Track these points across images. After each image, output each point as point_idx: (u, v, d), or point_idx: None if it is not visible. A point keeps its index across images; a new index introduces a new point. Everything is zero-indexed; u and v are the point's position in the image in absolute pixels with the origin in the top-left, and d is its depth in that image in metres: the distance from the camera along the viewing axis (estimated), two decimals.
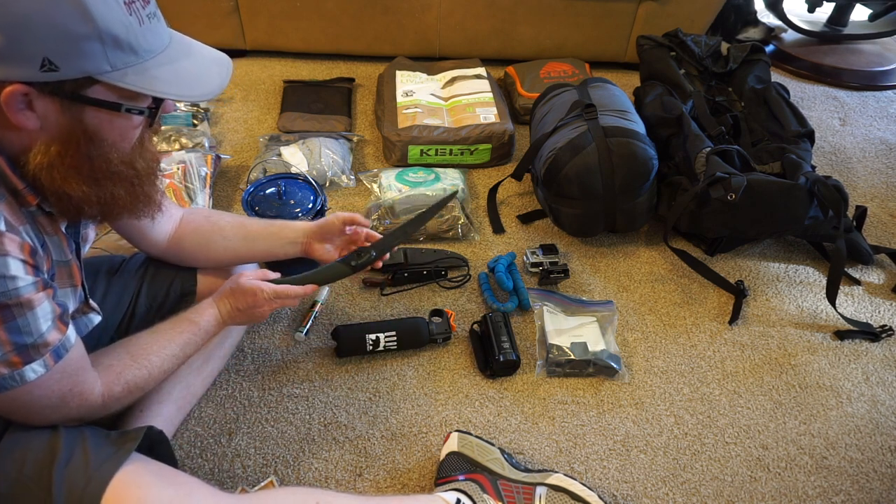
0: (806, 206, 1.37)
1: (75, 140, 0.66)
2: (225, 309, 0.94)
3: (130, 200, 0.74)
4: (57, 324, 0.70)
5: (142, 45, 0.65)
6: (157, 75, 0.66)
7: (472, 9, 2.01)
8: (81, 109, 0.64)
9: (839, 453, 1.13)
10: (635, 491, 1.06)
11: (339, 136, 1.75)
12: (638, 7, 2.03)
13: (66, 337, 0.71)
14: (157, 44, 0.67)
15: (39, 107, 0.62)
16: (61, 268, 0.76)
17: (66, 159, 0.66)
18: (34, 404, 0.71)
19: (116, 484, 0.69)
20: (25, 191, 0.67)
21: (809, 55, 2.34)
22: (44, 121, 0.63)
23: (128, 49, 0.63)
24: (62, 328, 0.71)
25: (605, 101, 1.53)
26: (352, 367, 1.22)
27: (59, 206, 0.71)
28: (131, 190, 0.73)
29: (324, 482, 1.04)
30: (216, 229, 1.04)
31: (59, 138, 0.65)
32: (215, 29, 2.03)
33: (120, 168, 0.71)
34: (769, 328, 1.35)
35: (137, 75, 0.65)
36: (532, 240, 1.54)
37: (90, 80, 0.63)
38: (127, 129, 0.70)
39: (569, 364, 1.22)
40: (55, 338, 0.69)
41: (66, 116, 0.64)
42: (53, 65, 0.60)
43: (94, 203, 0.71)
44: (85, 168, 0.68)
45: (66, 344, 0.71)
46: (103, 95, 0.65)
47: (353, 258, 1.02)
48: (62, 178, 0.67)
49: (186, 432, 1.09)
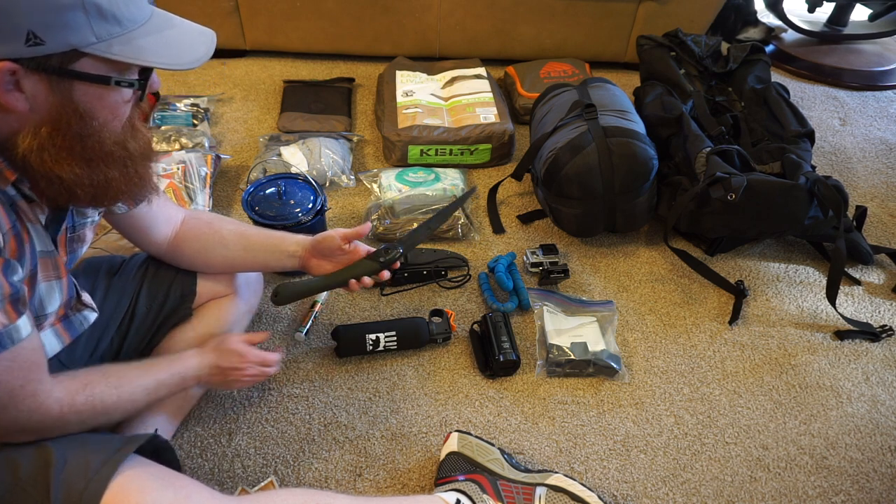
0: (806, 206, 1.37)
1: (66, 120, 0.65)
2: (207, 363, 0.94)
3: (124, 182, 0.73)
4: (4, 305, 0.65)
5: (125, 14, 0.64)
6: (143, 45, 0.65)
7: (472, 9, 2.01)
8: (70, 86, 0.64)
9: (839, 453, 1.13)
10: (635, 491, 1.06)
11: (339, 136, 1.75)
12: (638, 7, 2.03)
13: (16, 326, 0.66)
14: (139, 14, 0.66)
15: (28, 86, 0.62)
16: (45, 259, 0.74)
17: (58, 140, 0.65)
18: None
19: (116, 487, 0.69)
20: (2, 165, 0.66)
21: (809, 55, 2.34)
22: (33, 101, 0.63)
23: (111, 19, 0.63)
24: (10, 313, 0.66)
25: (605, 101, 1.53)
26: (352, 367, 1.22)
27: (50, 191, 0.69)
28: (125, 171, 0.72)
29: (324, 482, 1.04)
30: (217, 237, 1.04)
31: (50, 119, 0.64)
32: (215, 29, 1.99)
33: (112, 148, 0.70)
34: (769, 328, 1.35)
35: (123, 45, 0.64)
36: (532, 240, 1.54)
37: (77, 54, 0.62)
38: (117, 105, 0.69)
39: (569, 364, 1.22)
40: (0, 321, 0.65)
41: (56, 95, 0.63)
42: (38, 38, 0.59)
43: (86, 186, 0.69)
44: (77, 149, 0.67)
45: (13, 333, 0.66)
46: (91, 69, 0.64)
47: (381, 254, 1.03)
48: (53, 160, 0.66)
49: (186, 432, 1.09)
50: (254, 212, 1.34)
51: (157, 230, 0.99)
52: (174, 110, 1.79)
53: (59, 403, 0.74)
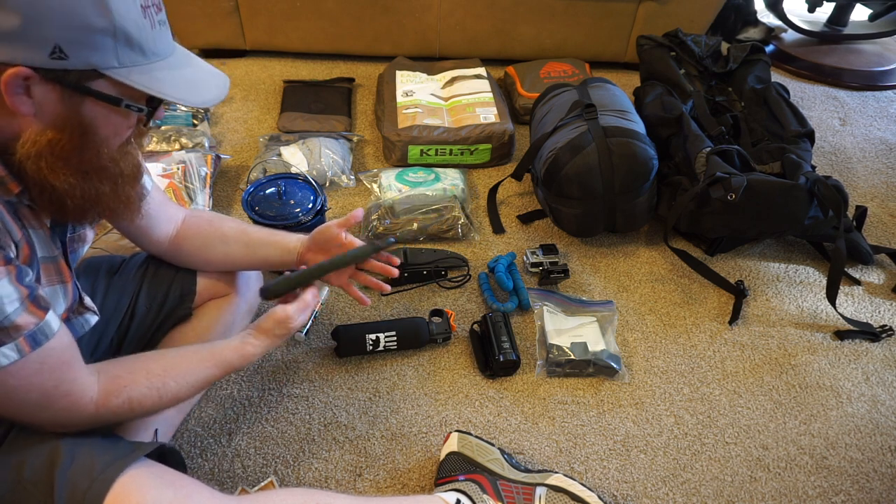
0: (806, 206, 1.37)
1: (69, 130, 0.65)
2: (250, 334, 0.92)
3: (113, 199, 0.73)
4: (27, 305, 0.66)
5: (150, 47, 0.66)
6: (160, 77, 0.67)
7: (472, 9, 2.01)
8: (81, 100, 0.64)
9: (839, 453, 1.13)
10: (635, 491, 1.06)
11: (339, 136, 1.75)
12: (638, 7, 2.03)
13: (45, 322, 0.68)
14: (163, 50, 0.68)
15: (38, 93, 0.62)
16: (48, 264, 0.75)
17: (57, 149, 0.65)
18: (14, 397, 0.69)
19: (118, 487, 0.69)
20: (7, 178, 0.66)
21: (809, 55, 2.34)
22: (39, 108, 0.63)
23: (137, 49, 0.64)
24: (36, 312, 0.67)
25: (605, 101, 1.53)
26: (352, 367, 1.22)
27: (41, 200, 0.69)
28: (114, 189, 0.73)
29: (324, 482, 1.04)
30: (218, 235, 1.04)
31: (53, 127, 0.65)
32: (215, 29, 2.04)
33: (107, 164, 0.70)
34: (769, 328, 1.35)
35: (142, 75, 0.65)
36: (532, 240, 1.54)
37: (95, 74, 0.63)
38: (121, 126, 0.70)
39: (569, 364, 1.22)
40: (27, 321, 0.65)
41: (64, 106, 0.64)
42: (63, 53, 0.60)
43: (77, 197, 0.69)
44: (74, 159, 0.67)
45: (44, 330, 0.67)
46: (105, 89, 0.65)
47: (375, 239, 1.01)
48: (49, 167, 0.66)
49: (186, 432, 1.09)
50: (254, 212, 1.34)
51: (158, 229, 0.99)
52: (174, 110, 1.79)
53: (95, 405, 0.75)
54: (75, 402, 0.73)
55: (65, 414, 0.73)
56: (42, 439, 0.73)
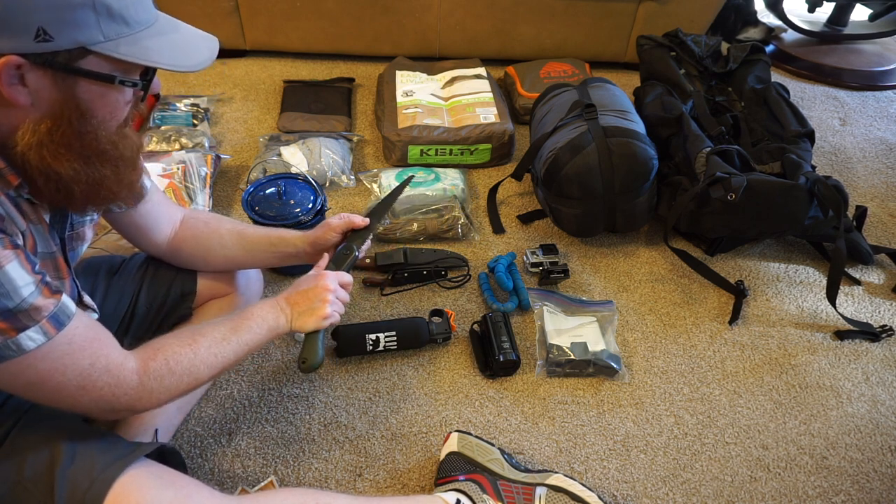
0: (806, 206, 1.37)
1: (66, 116, 0.65)
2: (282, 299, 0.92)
3: (115, 182, 0.73)
4: (41, 289, 0.66)
5: (133, 16, 0.65)
6: (149, 46, 0.66)
7: (472, 9, 2.01)
8: (74, 82, 0.64)
9: (839, 453, 1.13)
10: (635, 491, 1.06)
11: (339, 136, 1.75)
12: (638, 7, 2.03)
13: (63, 303, 0.68)
14: (146, 17, 0.67)
15: (32, 80, 0.62)
16: (46, 260, 0.75)
17: (57, 136, 0.65)
18: (50, 382, 0.68)
19: (118, 487, 0.69)
20: (6, 170, 0.66)
21: (809, 55, 2.34)
22: (35, 96, 0.63)
23: (119, 20, 0.64)
24: (52, 294, 0.67)
25: (605, 101, 1.53)
26: (352, 367, 1.22)
27: (48, 190, 0.69)
28: (116, 172, 0.72)
29: (324, 482, 1.04)
30: (215, 237, 1.04)
31: (51, 114, 0.65)
32: (215, 29, 1.99)
33: (106, 147, 0.70)
34: (769, 328, 1.35)
35: (130, 46, 0.65)
36: (532, 240, 1.54)
37: (84, 51, 0.63)
38: (118, 105, 0.70)
39: (569, 364, 1.22)
40: (46, 303, 0.66)
41: (59, 90, 0.64)
42: (48, 35, 0.60)
43: (83, 182, 0.69)
44: (75, 145, 0.67)
45: (65, 311, 0.68)
46: (96, 67, 0.64)
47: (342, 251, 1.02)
48: (52, 155, 0.66)
49: (186, 432, 1.09)
50: (254, 212, 1.34)
51: (157, 230, 0.99)
52: (174, 110, 1.79)
53: (137, 374, 0.74)
54: (116, 375, 0.72)
55: (109, 392, 0.72)
56: (43, 439, 0.73)
